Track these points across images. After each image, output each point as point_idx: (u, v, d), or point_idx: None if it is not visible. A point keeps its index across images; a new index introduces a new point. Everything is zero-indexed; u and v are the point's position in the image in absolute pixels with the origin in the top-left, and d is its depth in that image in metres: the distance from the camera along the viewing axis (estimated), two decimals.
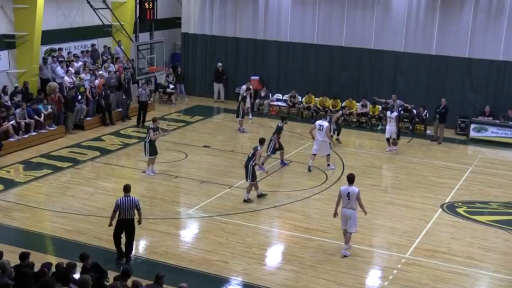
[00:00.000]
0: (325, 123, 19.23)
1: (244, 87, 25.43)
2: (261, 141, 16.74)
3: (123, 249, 13.03)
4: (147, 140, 18.09)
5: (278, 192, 17.28)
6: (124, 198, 12.77)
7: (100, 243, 13.71)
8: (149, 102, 24.22)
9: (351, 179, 13.50)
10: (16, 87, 21.49)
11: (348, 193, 13.37)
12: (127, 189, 12.94)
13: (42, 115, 21.00)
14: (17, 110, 20.46)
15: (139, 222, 13.07)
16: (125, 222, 12.79)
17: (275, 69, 27.22)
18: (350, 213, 13.41)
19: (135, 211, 12.87)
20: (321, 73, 26.32)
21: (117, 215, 12.80)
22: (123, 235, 13.00)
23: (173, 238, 14.35)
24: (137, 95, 23.68)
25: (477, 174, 19.37)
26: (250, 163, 16.19)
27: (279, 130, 19.21)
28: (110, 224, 13.01)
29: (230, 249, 13.75)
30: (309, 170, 18.95)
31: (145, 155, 18.25)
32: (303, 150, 21.11)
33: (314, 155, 19.11)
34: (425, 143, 22.66)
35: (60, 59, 23.56)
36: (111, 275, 10.62)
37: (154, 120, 18.76)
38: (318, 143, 19.05)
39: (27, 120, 20.52)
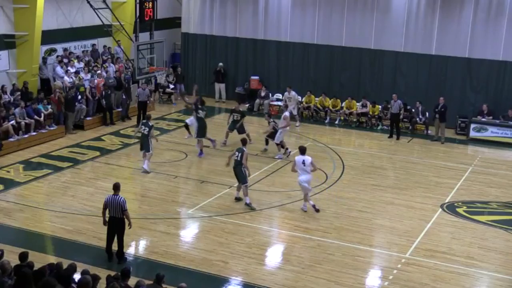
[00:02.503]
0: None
1: (286, 93, 24.62)
2: (244, 142, 16.71)
3: (115, 251, 13.04)
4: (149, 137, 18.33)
5: (278, 192, 17.28)
6: (112, 196, 12.85)
7: (100, 243, 13.69)
8: (148, 102, 24.17)
9: (303, 150, 15.92)
10: (13, 85, 21.48)
11: (303, 160, 15.69)
12: (115, 187, 12.99)
13: (42, 115, 21.01)
14: (16, 110, 20.46)
15: (129, 225, 12.91)
16: (113, 220, 12.86)
17: (275, 69, 27.23)
18: (309, 177, 15.73)
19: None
20: (321, 73, 26.33)
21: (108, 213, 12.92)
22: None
23: (173, 238, 14.35)
24: (136, 95, 23.68)
25: (477, 174, 19.37)
26: (242, 166, 16.04)
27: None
28: (105, 222, 13.04)
29: (230, 249, 13.75)
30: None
31: (150, 151, 18.41)
32: None
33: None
34: (425, 143, 22.66)
35: (65, 60, 23.60)
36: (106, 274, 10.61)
37: (149, 117, 19.20)
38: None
39: (27, 120, 20.51)
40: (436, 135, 22.80)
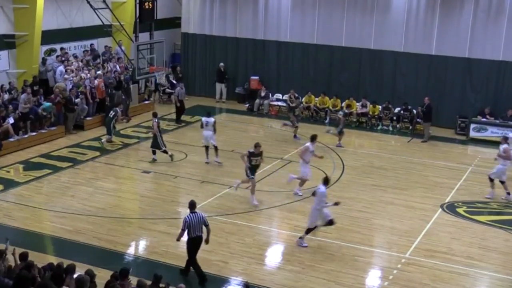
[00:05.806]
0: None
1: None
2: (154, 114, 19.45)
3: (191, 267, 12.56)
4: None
5: (278, 192, 17.28)
6: (191, 215, 12.24)
7: (100, 243, 13.71)
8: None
9: (209, 114, 19.32)
10: (10, 83, 21.45)
11: (207, 122, 18.89)
12: (193, 205, 12.41)
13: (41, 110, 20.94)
14: (23, 95, 20.37)
15: (207, 241, 12.36)
16: (197, 239, 12.24)
17: (275, 69, 27.24)
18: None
19: (203, 227, 12.32)
20: (321, 73, 26.32)
21: (186, 234, 12.29)
22: None
23: (173, 238, 14.22)
24: (176, 94, 24.19)
25: (477, 174, 19.35)
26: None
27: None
28: (178, 239, 12.55)
29: (229, 249, 13.75)
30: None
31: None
32: None
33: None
34: (425, 143, 22.65)
35: (63, 58, 23.61)
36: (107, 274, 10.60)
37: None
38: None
39: (29, 106, 20.36)
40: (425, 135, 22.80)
